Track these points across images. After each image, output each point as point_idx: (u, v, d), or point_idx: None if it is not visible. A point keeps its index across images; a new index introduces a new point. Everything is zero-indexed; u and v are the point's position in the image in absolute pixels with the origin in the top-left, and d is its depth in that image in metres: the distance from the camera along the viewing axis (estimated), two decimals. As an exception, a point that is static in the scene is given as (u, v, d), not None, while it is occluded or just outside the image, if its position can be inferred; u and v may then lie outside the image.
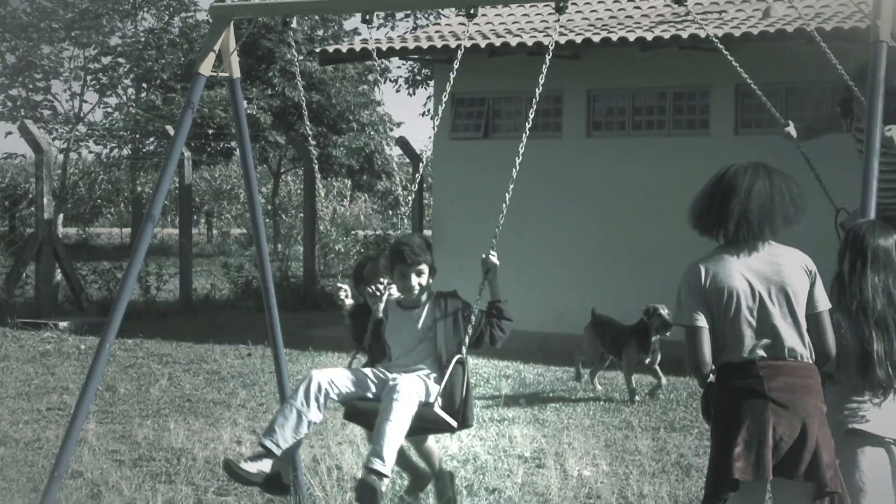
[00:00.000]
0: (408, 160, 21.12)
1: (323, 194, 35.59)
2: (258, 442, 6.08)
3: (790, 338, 4.74)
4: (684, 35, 14.60)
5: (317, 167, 7.57)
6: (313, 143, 8.24)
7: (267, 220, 31.44)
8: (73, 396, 10.76)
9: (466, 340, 5.95)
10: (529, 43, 15.31)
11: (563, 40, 15.35)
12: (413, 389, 5.87)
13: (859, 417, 5.00)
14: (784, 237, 4.91)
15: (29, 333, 16.34)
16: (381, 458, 5.78)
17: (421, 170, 10.82)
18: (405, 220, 17.67)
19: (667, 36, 14.82)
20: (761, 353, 4.74)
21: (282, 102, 31.14)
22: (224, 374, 12.98)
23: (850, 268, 4.99)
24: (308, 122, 7.55)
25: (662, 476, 8.32)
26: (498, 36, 15.85)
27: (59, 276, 18.64)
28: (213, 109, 29.43)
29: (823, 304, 4.79)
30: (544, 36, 15.30)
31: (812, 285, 4.78)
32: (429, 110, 33.15)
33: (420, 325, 6.12)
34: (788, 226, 4.79)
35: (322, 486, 7.73)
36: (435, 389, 5.93)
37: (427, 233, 22.93)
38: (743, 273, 4.76)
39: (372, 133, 32.74)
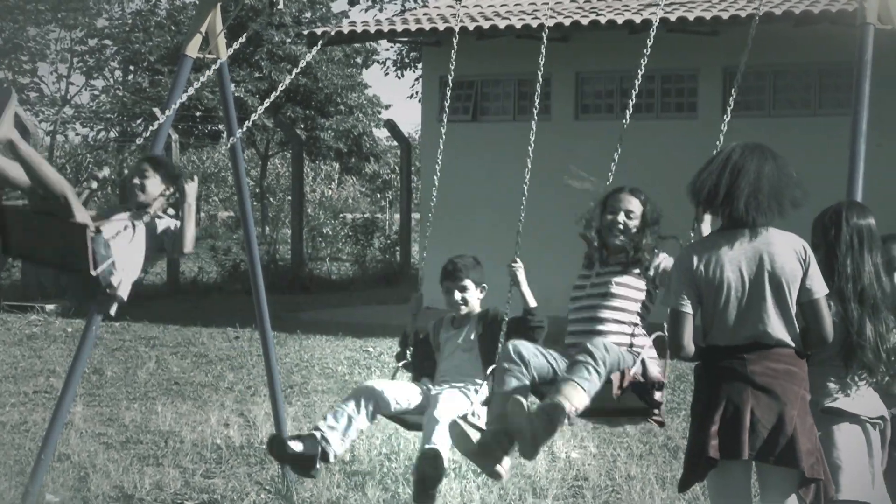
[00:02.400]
0: (396, 143, 21.10)
1: (311, 177, 35.58)
2: (313, 428, 6.08)
3: (777, 326, 4.73)
4: (672, 18, 14.59)
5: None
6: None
7: (255, 203, 31.37)
8: (60, 379, 10.74)
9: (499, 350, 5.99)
10: (518, 25, 15.29)
11: (551, 23, 15.34)
12: (453, 407, 5.91)
13: (835, 397, 5.00)
14: (785, 222, 4.89)
15: (15, 316, 16.31)
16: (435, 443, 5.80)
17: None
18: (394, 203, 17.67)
19: (655, 19, 14.80)
20: (748, 339, 4.74)
21: (269, 85, 31.06)
22: (211, 357, 12.97)
23: (845, 249, 4.97)
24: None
25: (650, 458, 8.34)
26: (486, 18, 15.82)
27: (46, 259, 18.56)
28: (200, 92, 29.33)
29: (819, 289, 4.76)
30: (532, 18, 15.27)
31: (806, 272, 4.76)
32: (417, 92, 33.09)
33: (461, 340, 6.25)
34: (795, 209, 4.77)
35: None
36: (476, 401, 5.97)
37: (415, 216, 22.94)
38: (735, 262, 4.74)
39: (360, 116, 32.70)
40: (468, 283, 6.26)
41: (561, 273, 15.35)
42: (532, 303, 6.06)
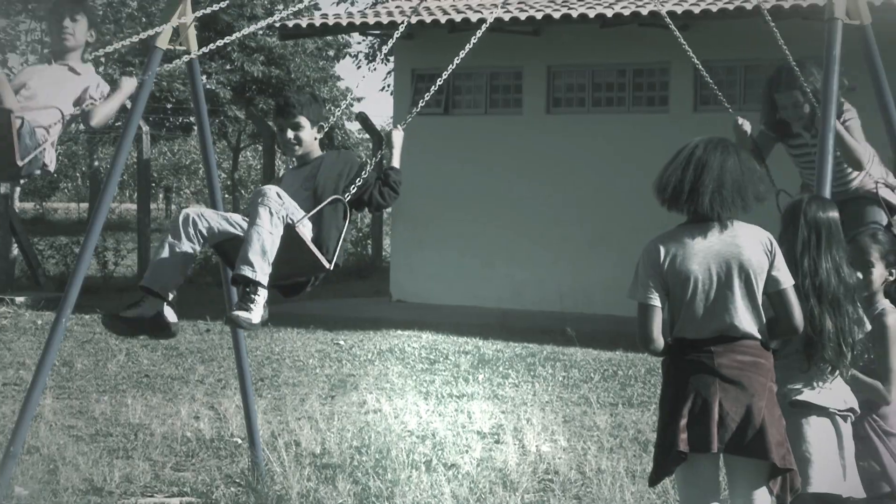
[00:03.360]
0: (368, 135, 21.07)
1: (282, 170, 35.51)
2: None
3: (745, 319, 4.77)
4: (644, 12, 14.62)
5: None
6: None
7: (226, 196, 31.27)
8: (30, 372, 10.68)
9: (353, 189, 5.69)
10: (490, 19, 15.28)
11: (523, 16, 15.36)
12: (281, 194, 5.52)
13: (801, 390, 5.03)
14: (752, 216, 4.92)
15: (-15, 309, 16.22)
16: (249, 264, 5.41)
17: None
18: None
19: (627, 12, 14.85)
20: (715, 332, 4.77)
21: (241, 77, 30.97)
22: (182, 350, 12.93)
23: (801, 245, 5.01)
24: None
25: (620, 451, 8.37)
26: (458, 11, 15.81)
27: (15, 250, 18.48)
28: (171, 84, 29.21)
29: (786, 280, 4.80)
30: (505, 12, 15.28)
31: (772, 264, 4.79)
32: (389, 85, 33.06)
33: (305, 175, 5.79)
34: (759, 203, 4.81)
35: (280, 461, 7.72)
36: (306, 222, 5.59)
37: (387, 210, 22.88)
38: (703, 256, 4.76)
39: (332, 108, 32.63)
40: (302, 119, 5.76)
41: (533, 266, 15.40)
42: (397, 165, 5.83)
